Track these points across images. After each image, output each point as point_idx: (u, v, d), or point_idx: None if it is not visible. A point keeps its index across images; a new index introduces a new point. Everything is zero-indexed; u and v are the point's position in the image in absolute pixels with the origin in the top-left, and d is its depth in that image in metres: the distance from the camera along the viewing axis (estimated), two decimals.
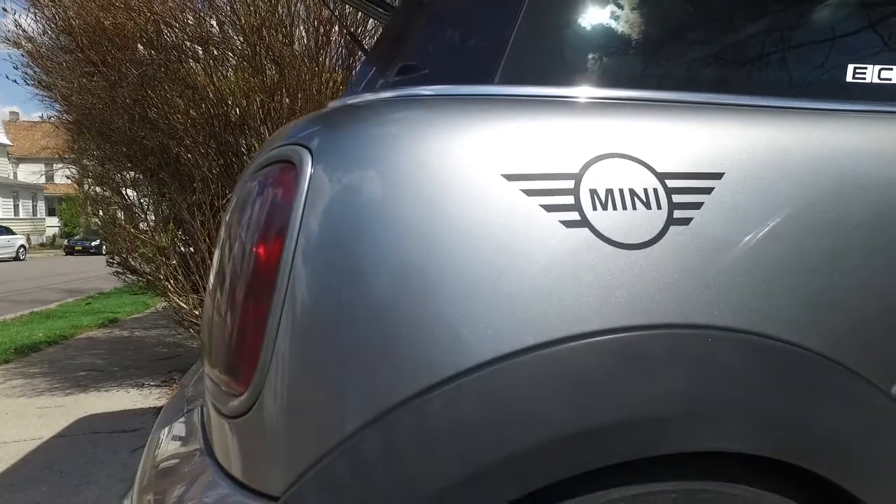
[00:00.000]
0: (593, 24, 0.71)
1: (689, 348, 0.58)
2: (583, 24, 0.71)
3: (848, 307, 0.63)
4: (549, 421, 0.53)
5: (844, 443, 0.62)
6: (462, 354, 0.54)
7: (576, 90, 0.68)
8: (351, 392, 0.54)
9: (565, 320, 0.56)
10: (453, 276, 0.56)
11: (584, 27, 0.71)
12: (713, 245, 0.61)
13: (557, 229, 0.58)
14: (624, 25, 0.72)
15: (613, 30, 0.71)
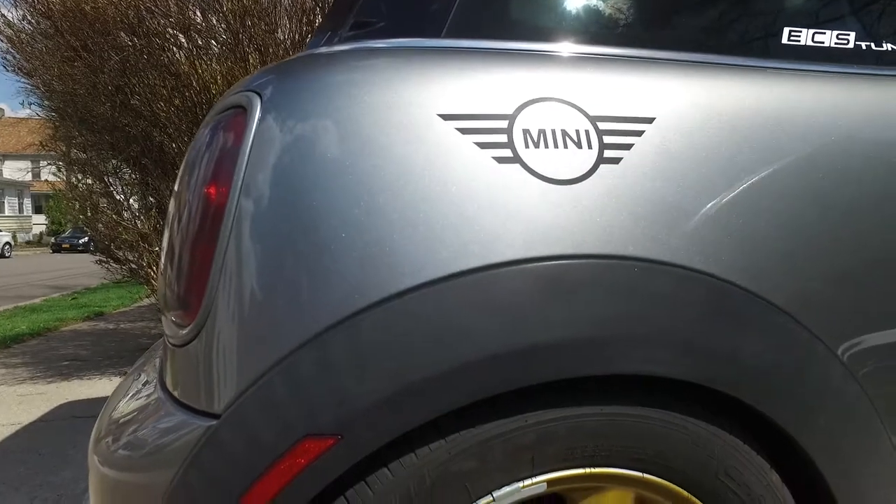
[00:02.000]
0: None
1: (615, 277, 0.61)
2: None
3: (770, 245, 0.67)
4: (479, 340, 0.57)
5: (767, 373, 0.66)
6: (396, 279, 0.58)
7: (517, 44, 0.72)
8: (288, 316, 0.58)
9: (495, 248, 0.59)
10: (390, 209, 0.60)
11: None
12: (642, 183, 0.65)
13: (490, 165, 0.62)
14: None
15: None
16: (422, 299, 0.57)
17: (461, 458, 0.58)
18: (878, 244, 0.73)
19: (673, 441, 0.64)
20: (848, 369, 0.71)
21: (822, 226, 0.70)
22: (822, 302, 0.70)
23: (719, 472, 0.66)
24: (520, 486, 0.61)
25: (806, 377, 0.68)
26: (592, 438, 0.62)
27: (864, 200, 0.72)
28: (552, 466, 0.62)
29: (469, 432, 0.58)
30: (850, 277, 0.71)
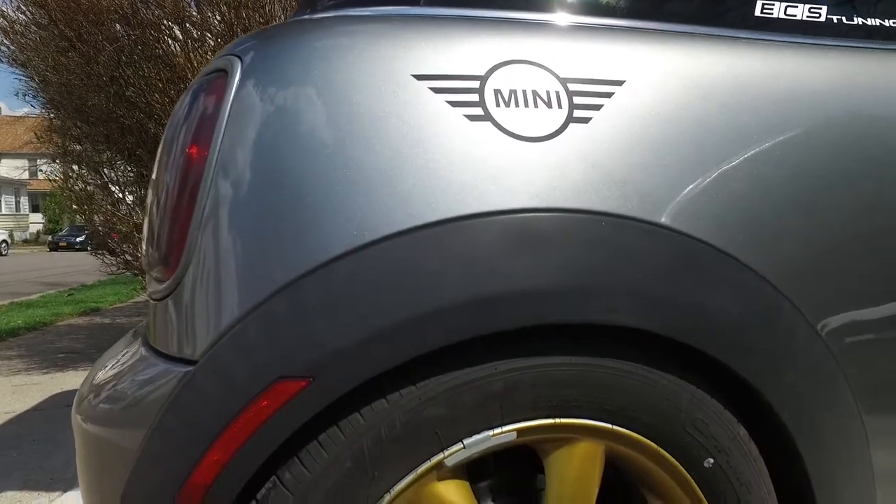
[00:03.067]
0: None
1: (582, 230, 0.63)
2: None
3: (737, 204, 0.69)
4: (447, 288, 0.59)
5: (732, 328, 0.68)
6: (369, 229, 0.60)
7: (492, 12, 0.74)
8: (262, 266, 0.60)
9: (465, 201, 0.61)
10: (364, 164, 0.62)
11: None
12: (610, 141, 0.67)
13: (461, 122, 0.64)
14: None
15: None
16: (392, 248, 0.59)
17: (431, 405, 0.60)
18: (844, 206, 0.75)
19: (640, 393, 0.66)
20: (814, 328, 0.73)
21: (788, 187, 0.72)
22: (790, 261, 0.72)
23: (686, 424, 0.68)
24: (490, 434, 0.63)
25: (772, 334, 0.70)
26: (560, 388, 0.64)
27: (830, 164, 0.74)
28: (521, 416, 0.64)
29: (439, 379, 0.61)
30: (817, 238, 0.73)
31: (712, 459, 0.70)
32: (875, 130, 0.77)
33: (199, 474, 0.57)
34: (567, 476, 0.67)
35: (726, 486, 0.71)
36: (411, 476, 0.61)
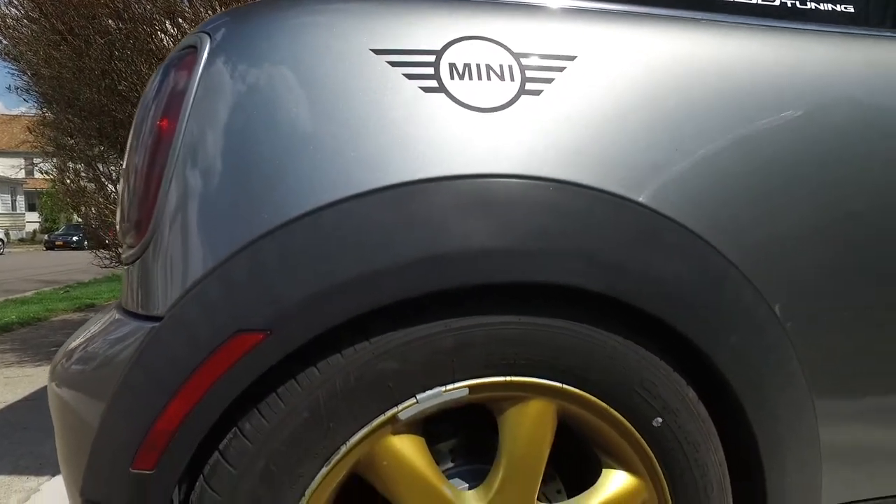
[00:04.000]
0: None
1: (531, 195, 0.67)
2: None
3: (684, 172, 0.73)
4: (401, 246, 0.63)
5: (678, 291, 0.72)
6: (328, 191, 0.64)
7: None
8: (225, 227, 0.64)
9: (419, 166, 0.65)
10: (324, 132, 0.66)
11: None
12: (560, 113, 0.71)
13: (417, 93, 0.68)
14: None
15: None
16: (349, 210, 0.63)
17: (384, 359, 0.64)
18: (793, 180, 0.79)
19: (589, 354, 0.70)
20: (761, 295, 0.77)
21: (738, 159, 0.76)
22: (738, 231, 0.76)
23: (635, 384, 0.72)
24: (442, 389, 0.67)
25: (717, 299, 0.74)
26: (511, 346, 0.67)
27: (778, 139, 0.78)
28: (473, 373, 0.67)
29: (392, 335, 0.64)
30: (765, 209, 0.77)
31: (661, 419, 0.74)
32: (823, 109, 0.81)
33: (163, 423, 0.61)
34: (519, 434, 0.71)
35: (674, 445, 0.75)
36: (366, 429, 0.65)
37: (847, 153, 0.80)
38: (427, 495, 0.68)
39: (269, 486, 0.63)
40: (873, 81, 0.84)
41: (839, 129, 0.81)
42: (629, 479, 0.76)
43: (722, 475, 0.79)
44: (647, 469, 0.76)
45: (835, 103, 0.81)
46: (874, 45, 0.87)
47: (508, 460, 0.71)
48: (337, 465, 0.66)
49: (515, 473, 0.71)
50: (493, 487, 0.71)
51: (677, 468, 0.76)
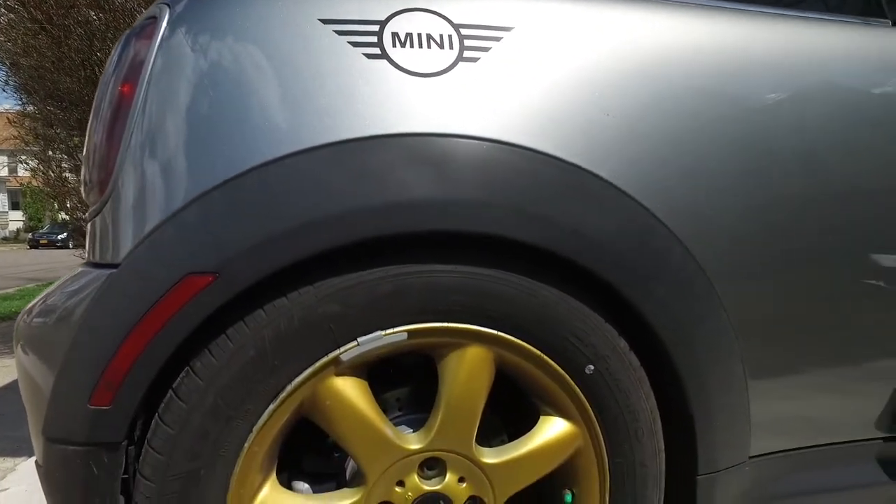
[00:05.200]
0: None
1: (465, 152, 0.73)
2: None
3: (614, 135, 0.80)
4: (341, 197, 0.69)
5: (607, 246, 0.78)
6: (275, 147, 0.70)
7: None
8: (178, 181, 0.70)
9: (360, 125, 0.72)
10: (273, 95, 0.72)
11: None
12: (497, 78, 0.77)
13: (360, 60, 0.74)
14: None
15: None
16: (294, 164, 0.69)
17: (326, 302, 0.70)
18: (714, 134, 0.85)
19: (523, 303, 0.76)
20: (687, 249, 0.83)
21: (665, 123, 0.83)
22: (664, 188, 0.82)
23: (566, 333, 0.78)
24: (381, 333, 0.73)
25: (645, 253, 0.80)
26: (447, 294, 0.74)
27: (701, 99, 0.85)
28: (412, 318, 0.74)
29: (334, 280, 0.70)
30: (691, 166, 0.84)
31: (592, 366, 0.80)
32: (745, 74, 0.88)
33: (118, 361, 0.67)
34: (457, 379, 0.77)
35: (606, 392, 0.82)
36: (310, 369, 0.71)
37: (769, 115, 0.87)
38: (367, 434, 0.74)
39: (217, 419, 0.69)
40: (786, 55, 0.91)
41: (760, 93, 0.88)
42: (564, 425, 0.83)
43: (653, 421, 0.85)
44: (581, 415, 0.82)
45: (754, 69, 0.88)
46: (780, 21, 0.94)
47: (447, 404, 0.77)
48: (284, 404, 0.72)
49: (453, 416, 0.77)
50: (432, 429, 0.77)
51: (609, 414, 0.82)
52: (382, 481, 0.76)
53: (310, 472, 0.83)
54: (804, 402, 0.99)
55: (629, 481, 0.85)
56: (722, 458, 0.92)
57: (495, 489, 0.81)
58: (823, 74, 0.94)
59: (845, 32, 0.99)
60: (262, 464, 0.74)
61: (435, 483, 0.78)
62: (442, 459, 0.78)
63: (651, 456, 0.86)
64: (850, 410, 1.03)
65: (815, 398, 1.00)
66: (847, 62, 0.96)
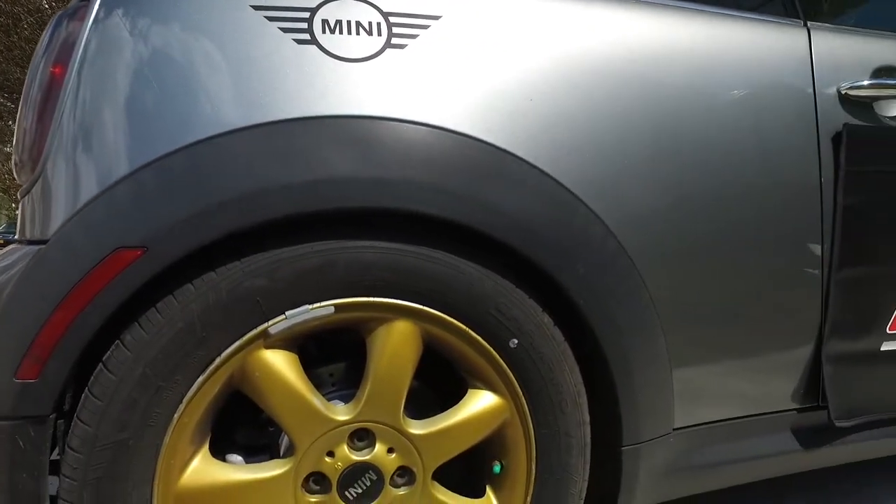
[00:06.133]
0: None
1: (390, 133, 0.78)
2: None
3: (538, 118, 0.85)
4: (268, 175, 0.73)
5: (529, 223, 0.83)
6: (204, 127, 0.73)
7: None
8: (109, 159, 0.73)
9: (288, 108, 0.75)
10: (204, 76, 0.75)
11: None
12: (422, 64, 0.82)
13: (290, 45, 0.77)
14: None
15: None
16: (224, 144, 0.73)
17: (253, 276, 0.73)
18: (632, 116, 0.91)
19: (447, 278, 0.81)
20: (609, 229, 0.89)
21: (583, 105, 0.89)
22: (584, 169, 0.88)
23: (490, 308, 0.83)
24: (309, 307, 0.76)
25: (565, 230, 0.85)
26: (372, 270, 0.77)
27: (620, 85, 0.91)
28: (338, 293, 0.77)
29: (262, 255, 0.74)
30: (610, 147, 0.90)
31: (516, 340, 0.85)
32: (655, 62, 0.94)
33: (45, 334, 0.69)
34: (384, 352, 0.81)
35: (530, 365, 0.86)
36: (240, 341, 0.75)
37: (682, 103, 0.94)
38: (295, 405, 0.78)
39: (146, 389, 0.71)
40: (703, 47, 0.98)
41: (675, 81, 0.95)
42: (491, 397, 0.87)
43: (577, 393, 0.90)
44: (507, 388, 0.87)
45: (671, 58, 0.94)
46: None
47: (374, 376, 0.81)
48: (214, 375, 0.75)
49: (381, 388, 0.81)
50: (361, 401, 0.81)
51: (534, 386, 0.87)
52: (312, 452, 0.80)
53: (244, 446, 0.85)
54: (725, 376, 1.06)
55: (554, 451, 0.90)
56: (646, 430, 0.98)
57: (424, 459, 0.85)
58: (736, 68, 1.01)
59: (760, 30, 1.06)
60: (194, 435, 0.77)
61: (364, 454, 0.82)
62: (371, 431, 0.82)
63: (575, 426, 0.91)
64: (767, 384, 1.10)
65: (735, 372, 1.07)
66: (760, 58, 1.04)
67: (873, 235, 1.11)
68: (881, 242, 1.12)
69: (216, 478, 0.78)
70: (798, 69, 1.07)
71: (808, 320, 1.11)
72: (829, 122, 1.08)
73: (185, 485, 0.76)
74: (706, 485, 1.13)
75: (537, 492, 0.91)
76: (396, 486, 0.85)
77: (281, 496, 0.80)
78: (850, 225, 1.09)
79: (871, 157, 1.09)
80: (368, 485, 0.83)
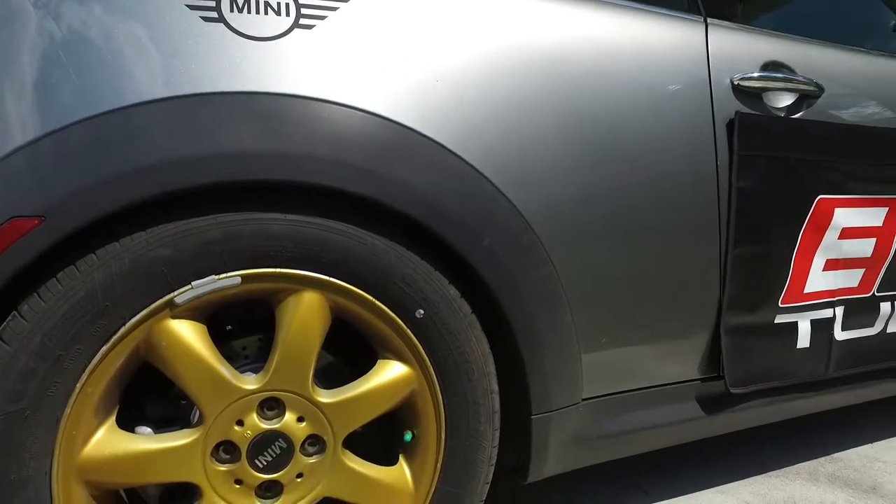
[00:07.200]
0: None
1: (298, 110, 0.81)
2: None
3: (438, 98, 0.90)
4: (168, 147, 0.75)
5: (433, 198, 0.87)
6: (110, 99, 0.74)
7: None
8: (3, 130, 0.73)
9: (193, 83, 0.78)
10: (107, 50, 0.76)
11: None
12: (329, 44, 0.85)
13: (198, 22, 0.80)
14: None
15: None
16: (127, 116, 0.75)
17: (157, 246, 0.75)
18: (536, 97, 0.97)
19: (352, 250, 0.84)
20: (514, 205, 0.94)
21: (489, 85, 0.94)
22: (489, 147, 0.93)
23: (396, 278, 0.87)
24: (215, 277, 0.78)
25: (469, 206, 0.90)
26: (277, 241, 0.80)
27: (526, 67, 0.97)
28: (244, 264, 0.80)
29: (167, 225, 0.76)
30: (516, 130, 0.95)
31: (422, 311, 0.89)
32: (562, 48, 1.00)
33: None
34: (292, 322, 0.84)
35: (437, 335, 0.91)
36: (145, 311, 0.76)
37: (584, 90, 1.00)
38: (203, 374, 0.80)
39: (44, 359, 0.72)
40: (605, 36, 1.05)
41: (578, 66, 1.01)
42: (400, 367, 0.91)
43: (484, 363, 0.95)
44: (415, 357, 0.91)
45: (575, 45, 1.01)
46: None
47: (282, 345, 0.84)
48: (119, 345, 0.76)
49: (289, 358, 0.84)
50: (269, 370, 0.84)
51: (441, 356, 0.92)
52: (220, 421, 0.82)
53: (156, 419, 0.87)
54: (632, 348, 1.13)
55: (463, 418, 0.95)
56: (554, 400, 1.04)
57: (334, 427, 0.88)
58: (639, 58, 1.08)
59: (663, 23, 1.14)
60: (99, 407, 0.78)
61: (274, 422, 0.85)
62: (281, 400, 0.85)
63: (483, 394, 0.96)
64: (671, 356, 1.18)
65: (641, 345, 1.14)
66: (661, 49, 1.11)
67: (764, 215, 1.20)
68: (772, 222, 1.22)
69: (121, 448, 0.79)
70: (696, 60, 1.16)
71: (708, 296, 1.20)
72: (724, 110, 1.17)
73: (87, 456, 0.78)
74: (615, 453, 1.20)
75: (447, 458, 0.95)
76: (307, 455, 0.88)
77: (189, 465, 0.82)
78: (743, 206, 1.18)
79: (760, 142, 1.18)
80: (278, 453, 0.85)
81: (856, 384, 1.42)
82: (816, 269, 1.29)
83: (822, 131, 1.27)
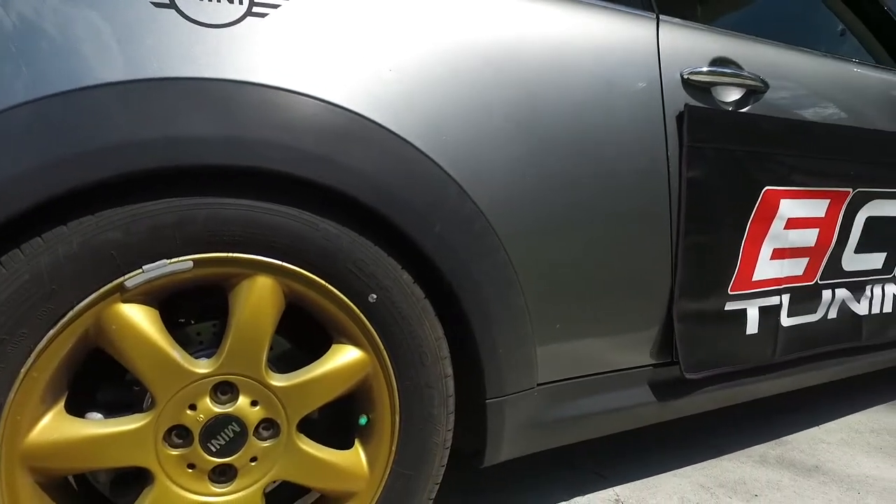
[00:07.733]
0: None
1: (250, 96, 0.82)
2: None
3: (390, 85, 0.92)
4: (123, 131, 0.75)
5: (382, 183, 0.89)
6: (55, 84, 0.74)
7: None
8: None
9: (143, 69, 0.78)
10: (57, 34, 0.77)
11: None
12: (282, 32, 0.87)
13: (149, 8, 0.80)
14: None
15: None
16: (75, 99, 0.75)
17: (107, 230, 0.76)
18: (489, 92, 1.00)
19: (304, 234, 0.86)
20: (465, 191, 0.97)
21: (443, 76, 0.96)
22: (440, 134, 0.95)
23: (348, 262, 0.89)
24: (167, 261, 0.79)
25: (420, 192, 0.92)
26: (229, 226, 0.81)
27: (478, 57, 0.99)
28: (197, 248, 0.81)
29: (117, 209, 0.77)
30: (467, 118, 0.98)
31: (375, 295, 0.91)
32: (518, 41, 1.03)
33: None
34: (245, 307, 0.85)
35: (390, 320, 0.93)
36: (94, 295, 0.77)
37: (538, 79, 1.03)
38: (154, 358, 0.80)
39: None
40: (557, 30, 1.08)
41: (530, 57, 1.05)
42: (354, 351, 0.93)
43: (438, 348, 0.97)
44: (368, 342, 0.93)
45: (528, 37, 1.04)
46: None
47: (235, 329, 0.85)
48: (66, 329, 0.76)
49: (241, 342, 0.85)
50: (222, 354, 0.84)
51: (395, 341, 0.94)
52: (172, 405, 0.83)
53: (107, 405, 0.87)
54: (587, 334, 1.17)
55: (417, 403, 0.97)
56: (509, 384, 1.07)
57: (287, 411, 0.89)
58: (592, 51, 1.12)
59: (615, 18, 1.18)
60: (46, 392, 0.78)
61: (227, 406, 0.86)
62: (234, 384, 0.86)
63: (437, 379, 0.98)
64: (625, 342, 1.22)
65: (595, 331, 1.18)
66: (614, 43, 1.15)
67: (713, 206, 1.25)
68: (720, 212, 1.26)
69: (69, 433, 0.79)
70: (647, 54, 1.20)
71: (660, 283, 1.24)
72: (674, 103, 1.21)
73: (33, 442, 0.77)
74: (572, 437, 1.23)
75: (402, 442, 0.97)
76: (261, 439, 0.89)
77: (141, 450, 0.82)
78: (692, 196, 1.22)
79: (709, 134, 1.23)
80: (232, 437, 0.86)
81: (802, 368, 1.47)
82: (764, 258, 1.34)
83: (768, 125, 1.33)
